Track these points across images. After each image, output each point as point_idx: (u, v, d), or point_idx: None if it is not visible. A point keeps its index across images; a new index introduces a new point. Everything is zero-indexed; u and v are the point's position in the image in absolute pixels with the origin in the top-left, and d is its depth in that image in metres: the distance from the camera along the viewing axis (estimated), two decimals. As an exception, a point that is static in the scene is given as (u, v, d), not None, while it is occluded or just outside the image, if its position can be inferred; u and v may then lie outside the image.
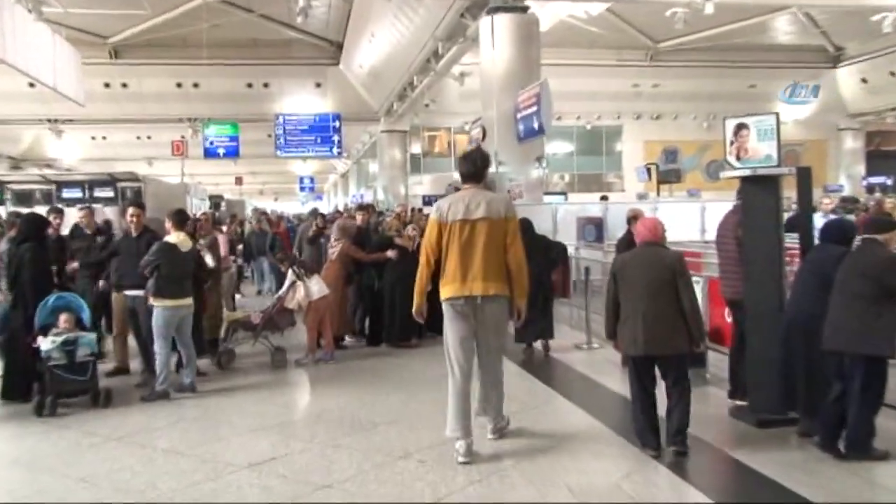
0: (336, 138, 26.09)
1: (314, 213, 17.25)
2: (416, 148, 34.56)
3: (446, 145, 35.51)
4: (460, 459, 4.89)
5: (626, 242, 7.78)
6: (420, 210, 17.64)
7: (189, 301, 6.90)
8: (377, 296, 9.22)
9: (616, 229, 11.23)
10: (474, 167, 5.19)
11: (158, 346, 6.78)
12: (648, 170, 26.74)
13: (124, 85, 27.66)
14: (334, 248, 9.21)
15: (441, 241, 4.99)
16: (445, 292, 4.99)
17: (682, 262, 5.03)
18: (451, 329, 5.04)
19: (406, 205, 13.88)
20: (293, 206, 44.54)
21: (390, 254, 9.02)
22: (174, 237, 6.92)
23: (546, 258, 8.33)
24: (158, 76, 27.22)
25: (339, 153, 27.74)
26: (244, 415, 6.32)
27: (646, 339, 4.84)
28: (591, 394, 6.86)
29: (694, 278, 7.00)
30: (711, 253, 8.89)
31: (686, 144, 34.99)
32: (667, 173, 26.65)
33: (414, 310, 5.19)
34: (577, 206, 15.63)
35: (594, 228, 11.63)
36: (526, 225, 7.53)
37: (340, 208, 31.89)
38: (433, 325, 9.04)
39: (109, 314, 8.21)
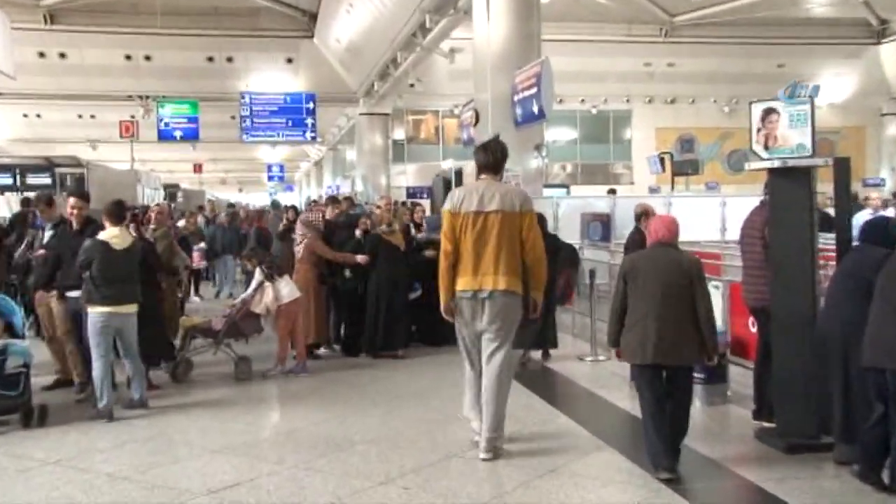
0: (309, 121, 26.02)
1: (276, 205, 17.23)
2: (399, 133, 34.57)
3: (433, 131, 35.55)
4: (475, 438, 5.47)
5: (636, 242, 7.80)
6: (403, 203, 17.57)
7: (129, 308, 6.76)
8: (357, 300, 9.14)
9: (625, 227, 10.93)
10: (493, 158, 5.65)
11: (94, 358, 6.69)
12: (661, 160, 26.82)
13: (62, 55, 27.30)
14: (300, 246, 9.15)
15: (455, 233, 5.41)
16: (457, 285, 5.42)
17: (701, 267, 5.23)
18: (461, 323, 5.50)
19: (389, 197, 13.81)
20: (260, 196, 44.51)
21: (360, 259, 8.97)
22: (108, 233, 6.79)
23: (553, 260, 8.33)
24: (103, 46, 26.88)
25: (313, 138, 27.66)
26: (203, 434, 6.28)
27: (656, 346, 4.97)
28: (597, 411, 6.88)
29: (713, 283, 7.12)
30: (733, 254, 9.14)
31: (704, 132, 34.94)
32: (682, 164, 26.68)
33: (442, 307, 5.50)
34: (580, 200, 15.67)
35: (600, 226, 11.65)
36: (539, 220, 7.61)
37: (315, 199, 31.86)
38: (423, 335, 9.19)
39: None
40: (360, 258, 9.04)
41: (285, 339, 8.42)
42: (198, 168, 42.45)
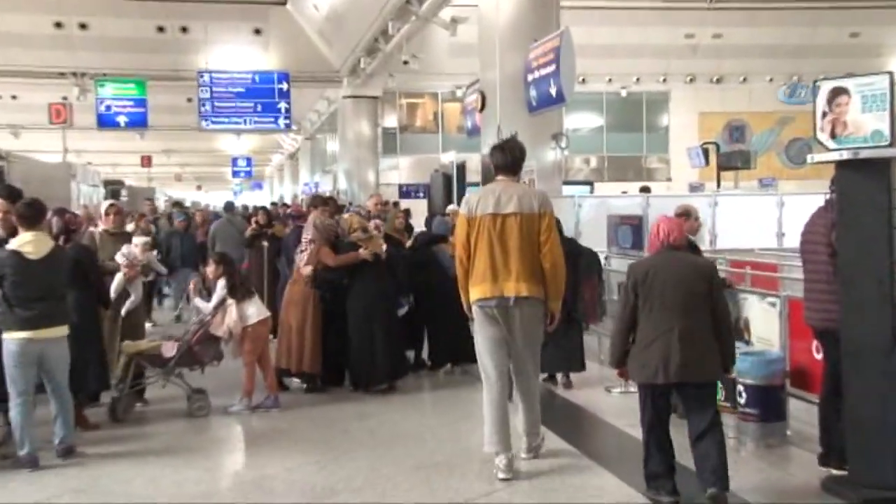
0: (282, 105, 26.11)
1: (229, 207, 17.10)
2: (390, 120, 34.69)
3: (431, 117, 35.63)
4: (500, 476, 6.01)
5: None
6: (395, 204, 17.54)
7: (54, 332, 6.65)
8: (341, 316, 9.20)
9: None
10: (511, 158, 6.43)
11: (11, 396, 6.58)
12: (705, 151, 26.88)
13: (-26, 21, 27.15)
14: (304, 253, 9.19)
15: (471, 238, 6.19)
16: (475, 293, 6.17)
17: (716, 268, 5.83)
18: (481, 335, 6.21)
19: (379, 195, 13.76)
20: (223, 195, 44.63)
21: (364, 253, 9.04)
22: (20, 240, 6.62)
23: (573, 267, 8.38)
24: (26, 10, 26.71)
25: (287, 126, 27.73)
26: (152, 484, 6.24)
27: (683, 363, 5.32)
28: (629, 455, 6.72)
29: (769, 300, 7.23)
30: (793, 265, 9.19)
31: (758, 117, 35.16)
32: (731, 156, 26.77)
33: (466, 309, 6.35)
34: (607, 199, 15.69)
35: (631, 231, 11.57)
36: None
37: (288, 200, 31.92)
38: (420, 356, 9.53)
39: None
40: (364, 253, 9.09)
41: (252, 366, 8.41)
42: (146, 161, 42.48)
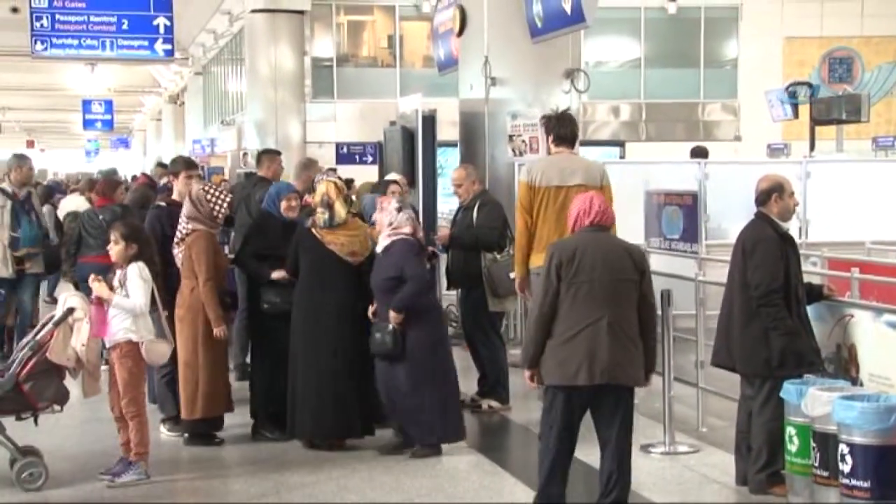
0: (161, 22, 25.38)
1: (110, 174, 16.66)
2: (323, 47, 34.35)
3: (385, 44, 35.23)
4: None
5: (762, 240, 7.46)
6: (332, 171, 17.01)
7: None
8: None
9: (727, 217, 11.15)
10: (572, 131, 9.05)
11: None
12: (793, 96, 26.35)
13: None
14: (181, 249, 9.05)
15: (532, 209, 8.89)
16: (533, 261, 8.70)
17: (646, 257, 7.33)
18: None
19: (317, 162, 13.33)
20: (72, 157, 43.87)
21: (216, 328, 8.97)
22: None
23: None
24: None
25: (168, 53, 26.99)
26: None
27: (609, 361, 6.46)
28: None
29: (887, 318, 7.04)
30: None
31: (874, 45, 34.66)
32: (832, 104, 26.27)
33: (518, 283, 9.13)
34: (645, 168, 15.41)
35: (682, 214, 11.29)
36: None
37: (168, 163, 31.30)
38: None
39: None
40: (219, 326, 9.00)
41: (140, 404, 8.12)
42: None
